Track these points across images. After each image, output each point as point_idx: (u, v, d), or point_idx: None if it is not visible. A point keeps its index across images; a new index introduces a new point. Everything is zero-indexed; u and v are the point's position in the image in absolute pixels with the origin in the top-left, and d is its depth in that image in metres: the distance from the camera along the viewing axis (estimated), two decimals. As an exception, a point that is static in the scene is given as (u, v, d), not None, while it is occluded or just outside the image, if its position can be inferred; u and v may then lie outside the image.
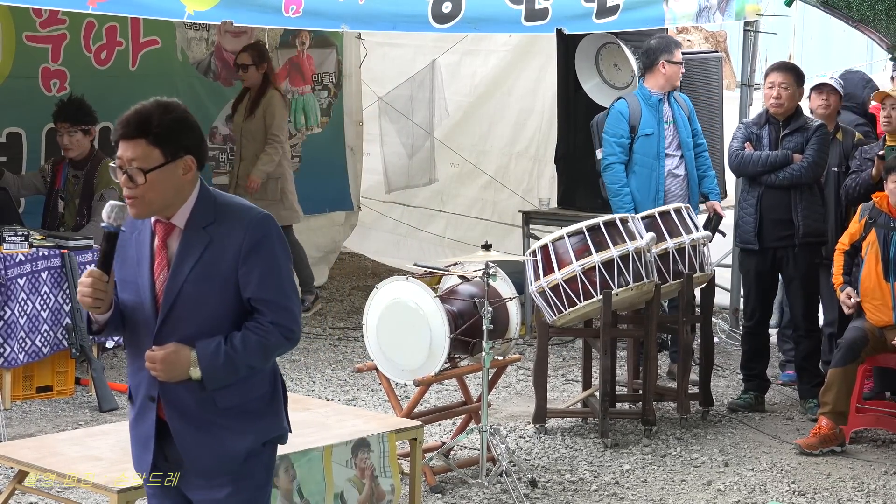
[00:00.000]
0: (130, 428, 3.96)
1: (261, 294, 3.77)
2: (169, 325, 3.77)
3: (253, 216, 3.79)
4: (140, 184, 3.72)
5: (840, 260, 7.39)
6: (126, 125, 3.76)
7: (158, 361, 3.75)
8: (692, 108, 8.50)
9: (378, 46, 11.35)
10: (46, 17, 9.39)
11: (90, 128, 8.47)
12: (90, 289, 3.72)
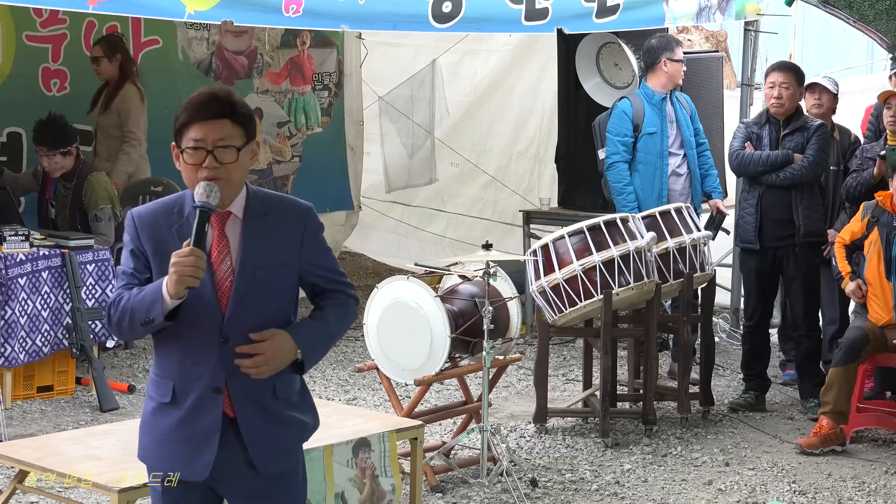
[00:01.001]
0: (170, 428, 3.77)
1: (330, 274, 3.88)
2: (239, 313, 3.72)
3: (305, 205, 3.88)
4: (230, 162, 3.69)
5: (841, 252, 7.38)
6: (209, 106, 3.69)
7: (269, 350, 3.71)
8: (694, 108, 8.51)
9: (378, 46, 11.35)
10: (47, 16, 9.39)
11: (69, 148, 8.32)
12: (194, 266, 3.59)
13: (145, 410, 3.85)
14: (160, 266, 3.70)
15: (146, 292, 3.68)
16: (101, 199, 8.30)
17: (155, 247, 3.73)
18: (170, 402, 3.77)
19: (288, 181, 10.79)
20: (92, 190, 8.31)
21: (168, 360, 3.79)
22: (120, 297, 3.73)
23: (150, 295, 3.66)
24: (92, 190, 8.31)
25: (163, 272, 3.66)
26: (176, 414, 3.77)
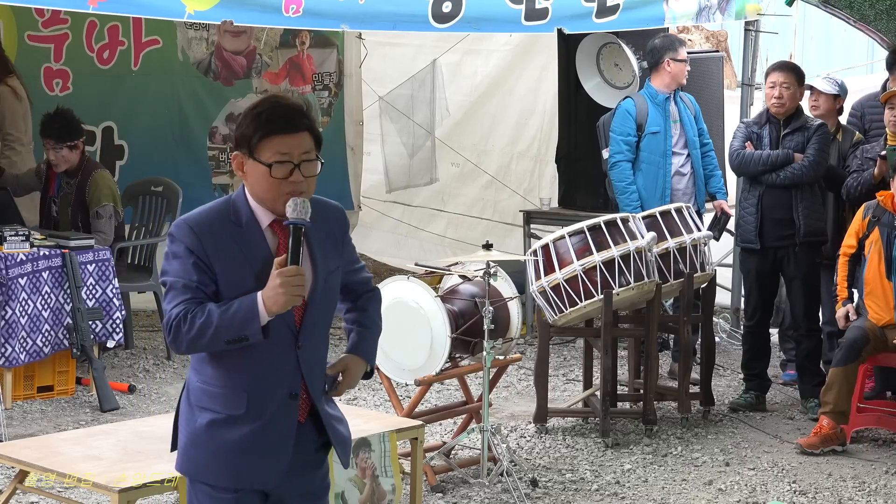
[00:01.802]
0: (240, 439, 3.71)
1: (362, 270, 4.00)
2: (311, 320, 3.74)
3: (338, 205, 3.95)
4: (313, 175, 3.72)
5: (844, 270, 7.36)
6: (293, 118, 3.67)
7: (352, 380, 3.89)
8: (698, 108, 8.51)
9: (379, 46, 11.35)
10: (48, 16, 9.40)
11: (76, 142, 8.37)
12: (301, 286, 3.59)
13: (197, 424, 3.74)
14: (226, 278, 3.65)
15: (236, 310, 3.60)
16: (104, 196, 8.34)
17: (219, 258, 3.65)
18: (244, 413, 3.71)
19: (288, 181, 10.78)
20: (96, 186, 8.35)
21: (237, 371, 3.71)
22: (190, 312, 3.61)
23: (243, 313, 3.59)
24: (96, 186, 8.35)
25: (229, 284, 3.63)
26: (249, 425, 3.71)
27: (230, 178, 10.50)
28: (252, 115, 3.66)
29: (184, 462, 3.79)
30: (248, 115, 3.67)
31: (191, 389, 3.78)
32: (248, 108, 3.70)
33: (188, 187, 9.38)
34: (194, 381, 3.78)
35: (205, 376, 3.74)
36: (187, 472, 3.80)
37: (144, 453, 5.03)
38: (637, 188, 8.23)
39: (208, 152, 10.38)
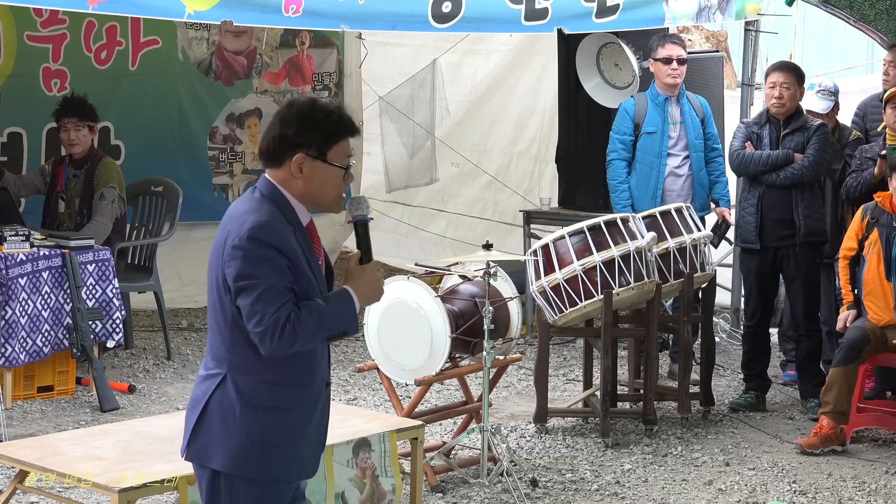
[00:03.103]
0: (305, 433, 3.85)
1: None
2: None
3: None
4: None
5: (846, 273, 7.36)
6: (352, 121, 3.85)
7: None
8: (708, 112, 8.49)
9: (379, 46, 11.35)
10: (47, 16, 9.39)
11: (94, 125, 8.54)
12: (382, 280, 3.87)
13: (263, 422, 3.79)
14: (298, 278, 3.75)
15: (335, 306, 3.78)
16: (112, 178, 8.43)
17: (293, 258, 3.76)
18: (309, 405, 3.85)
19: (288, 181, 10.78)
20: (105, 170, 8.44)
21: (301, 365, 3.82)
22: (294, 312, 3.69)
23: (342, 308, 3.78)
24: (105, 170, 8.44)
25: (301, 283, 3.75)
26: (311, 416, 3.86)
27: (230, 179, 10.50)
28: (321, 117, 3.77)
29: (239, 461, 3.79)
30: (314, 118, 3.77)
31: (245, 391, 3.79)
32: (307, 110, 3.78)
33: (188, 187, 9.38)
34: (249, 381, 3.79)
35: (265, 375, 3.79)
36: (242, 470, 3.80)
37: (144, 453, 5.02)
38: (629, 187, 8.29)
39: (208, 152, 10.38)
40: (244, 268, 3.70)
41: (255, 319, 3.69)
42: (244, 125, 10.53)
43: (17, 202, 8.57)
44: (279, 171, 3.82)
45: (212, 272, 3.83)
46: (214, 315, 3.84)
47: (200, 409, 3.83)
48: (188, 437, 3.86)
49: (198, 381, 3.89)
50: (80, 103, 8.48)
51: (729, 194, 8.59)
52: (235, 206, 3.86)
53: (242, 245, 3.71)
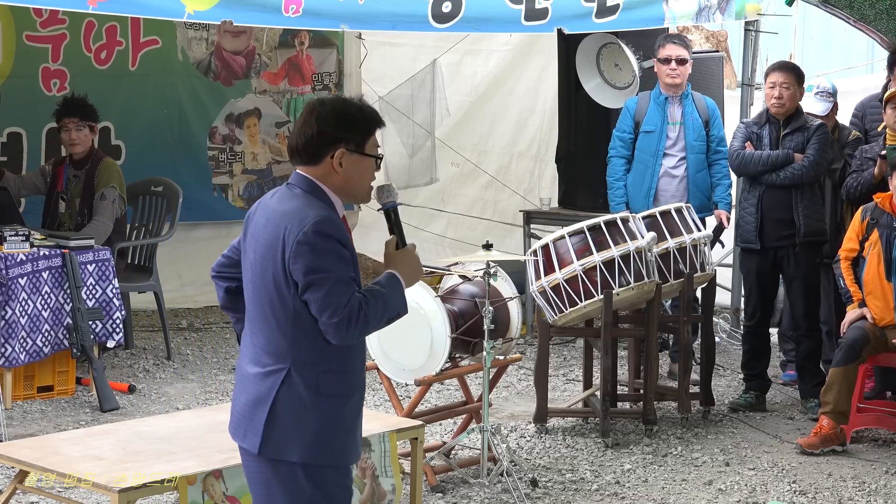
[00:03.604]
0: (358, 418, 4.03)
1: None
2: None
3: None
4: None
5: (850, 274, 7.36)
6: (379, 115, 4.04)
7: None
8: (715, 114, 8.48)
9: (379, 46, 11.35)
10: (47, 16, 9.40)
11: (95, 125, 8.55)
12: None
13: (335, 413, 3.94)
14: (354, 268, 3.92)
15: (389, 290, 3.95)
16: (112, 178, 8.43)
17: (350, 250, 3.93)
18: (362, 390, 4.05)
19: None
20: (106, 170, 8.45)
21: (353, 352, 3.98)
22: (363, 301, 3.85)
23: (395, 292, 3.97)
24: (106, 170, 8.45)
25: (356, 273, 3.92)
26: (362, 401, 4.06)
27: (230, 179, 10.50)
28: (356, 112, 3.95)
29: (317, 450, 3.92)
30: (350, 113, 3.94)
31: (312, 382, 3.90)
32: (343, 107, 3.95)
33: (188, 187, 9.38)
34: (314, 373, 3.91)
35: (329, 365, 3.92)
36: (321, 459, 3.93)
37: (144, 453, 5.02)
38: (625, 185, 8.35)
39: (208, 152, 10.38)
40: (313, 261, 3.81)
41: (329, 311, 3.80)
42: (243, 125, 10.53)
43: (18, 202, 8.58)
44: (317, 167, 3.95)
45: (265, 270, 3.91)
46: (271, 312, 3.91)
47: (269, 405, 3.90)
48: (260, 434, 3.91)
49: (255, 379, 3.95)
50: (81, 103, 8.48)
51: (730, 197, 8.57)
52: (279, 203, 3.94)
53: (309, 240, 3.81)
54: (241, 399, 3.99)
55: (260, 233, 3.94)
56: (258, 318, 3.96)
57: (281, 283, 3.87)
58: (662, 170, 8.39)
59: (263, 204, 4.03)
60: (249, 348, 4.01)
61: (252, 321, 4.00)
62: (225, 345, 9.28)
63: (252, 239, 3.99)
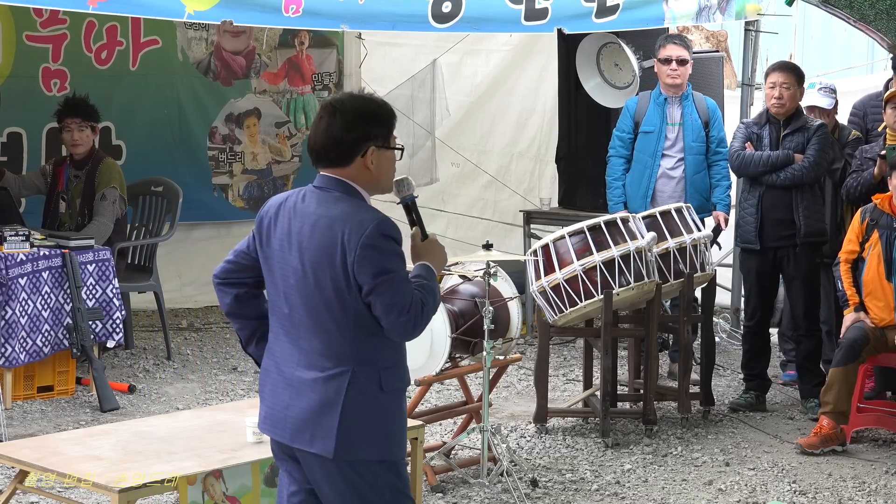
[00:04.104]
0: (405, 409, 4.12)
1: None
2: None
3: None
4: None
5: (849, 276, 7.35)
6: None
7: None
8: (715, 115, 8.47)
9: (379, 46, 11.34)
10: (47, 16, 9.40)
11: (96, 125, 8.56)
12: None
13: (401, 407, 4.05)
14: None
15: (433, 281, 4.04)
16: (113, 178, 8.43)
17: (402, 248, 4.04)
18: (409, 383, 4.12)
19: (288, 181, 10.79)
20: (107, 170, 8.45)
21: (402, 345, 4.07)
22: (422, 297, 3.94)
23: (433, 281, 4.04)
24: (107, 170, 8.45)
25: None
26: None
27: (230, 179, 10.50)
28: (377, 108, 4.05)
29: (392, 446, 4.02)
30: (373, 110, 4.03)
31: (377, 380, 3.97)
32: (365, 105, 4.03)
33: (188, 187, 9.38)
34: (376, 370, 3.98)
35: (386, 361, 4.00)
36: (392, 454, 4.02)
37: (144, 453, 5.02)
38: (624, 185, 8.36)
39: (208, 152, 10.38)
40: (381, 263, 3.90)
41: (396, 311, 3.88)
42: (243, 125, 10.53)
43: (18, 202, 8.58)
44: (348, 167, 4.01)
45: (319, 275, 3.93)
46: (328, 315, 3.94)
47: (340, 408, 3.93)
48: (334, 437, 3.93)
49: (315, 384, 3.97)
50: (83, 104, 8.49)
51: (729, 199, 8.57)
52: (320, 207, 3.97)
53: (375, 242, 3.91)
54: (301, 405, 3.99)
55: (305, 238, 3.95)
56: (309, 323, 3.98)
57: (341, 286, 3.91)
58: (660, 170, 8.40)
59: (291, 208, 4.02)
60: (298, 353, 4.01)
61: (299, 326, 4.00)
62: (225, 345, 9.28)
63: (286, 244, 3.99)
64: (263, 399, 4.15)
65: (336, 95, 4.14)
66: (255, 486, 4.98)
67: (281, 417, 4.04)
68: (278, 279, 4.04)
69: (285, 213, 4.03)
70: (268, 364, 4.13)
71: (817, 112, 8.17)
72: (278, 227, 4.03)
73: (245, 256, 4.17)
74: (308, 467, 4.05)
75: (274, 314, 4.10)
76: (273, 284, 4.06)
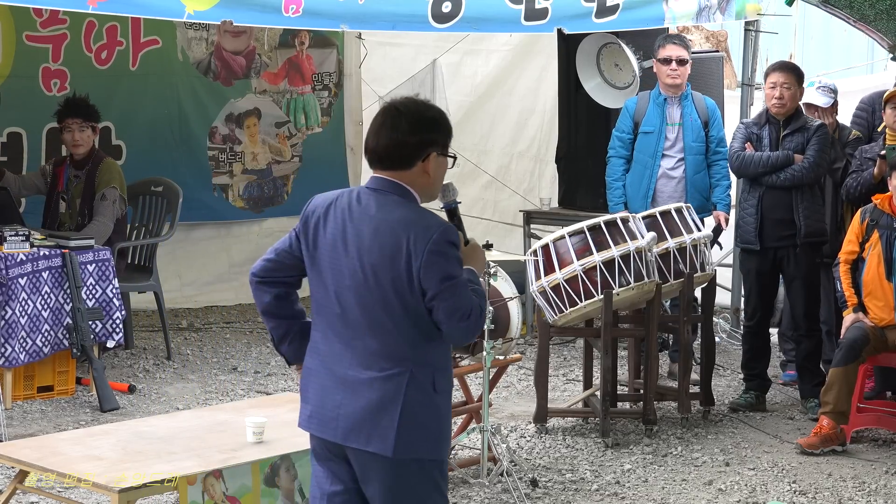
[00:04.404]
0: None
1: None
2: None
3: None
4: None
5: (848, 277, 7.35)
6: None
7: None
8: (715, 115, 8.47)
9: (379, 46, 11.34)
10: (47, 16, 9.39)
11: (97, 125, 8.56)
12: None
13: (447, 408, 4.10)
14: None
15: (480, 286, 4.08)
16: (113, 178, 8.43)
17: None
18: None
19: (288, 181, 10.79)
20: (107, 170, 8.45)
21: (449, 348, 4.11)
22: (476, 300, 3.99)
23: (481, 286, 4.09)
24: (107, 170, 8.45)
25: None
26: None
27: (230, 179, 10.49)
28: (438, 115, 4.07)
29: (442, 445, 4.11)
30: (433, 117, 4.05)
31: (430, 381, 4.02)
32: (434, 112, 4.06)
33: (188, 187, 9.38)
34: (430, 372, 4.03)
35: (438, 362, 4.06)
36: (443, 453, 4.12)
37: (144, 453, 5.02)
38: (624, 185, 8.36)
39: (208, 152, 10.38)
40: (448, 268, 3.95)
41: (459, 314, 3.94)
42: (243, 125, 10.53)
43: (18, 202, 8.58)
44: (408, 171, 4.04)
45: (379, 276, 3.96)
46: (387, 316, 3.97)
47: (399, 407, 3.97)
48: (394, 437, 3.97)
49: (372, 384, 4.00)
50: (84, 104, 8.49)
51: (729, 198, 8.57)
52: (381, 210, 4.00)
53: (442, 248, 3.94)
54: (356, 404, 4.01)
55: (365, 241, 3.98)
56: (365, 324, 4.00)
57: (403, 289, 3.95)
58: (661, 171, 8.41)
59: (345, 209, 4.06)
60: (351, 353, 4.03)
61: (353, 326, 4.02)
62: (225, 345, 9.28)
63: (341, 245, 4.02)
64: (308, 399, 4.15)
65: (395, 99, 4.12)
66: (255, 486, 4.98)
67: (332, 417, 4.05)
68: (329, 279, 4.05)
69: (338, 214, 4.06)
70: (313, 364, 4.13)
71: (817, 111, 8.16)
72: (329, 227, 4.06)
73: (287, 255, 4.16)
74: (361, 466, 4.06)
75: (321, 314, 4.10)
76: (322, 284, 4.07)
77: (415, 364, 3.99)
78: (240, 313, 10.19)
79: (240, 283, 10.50)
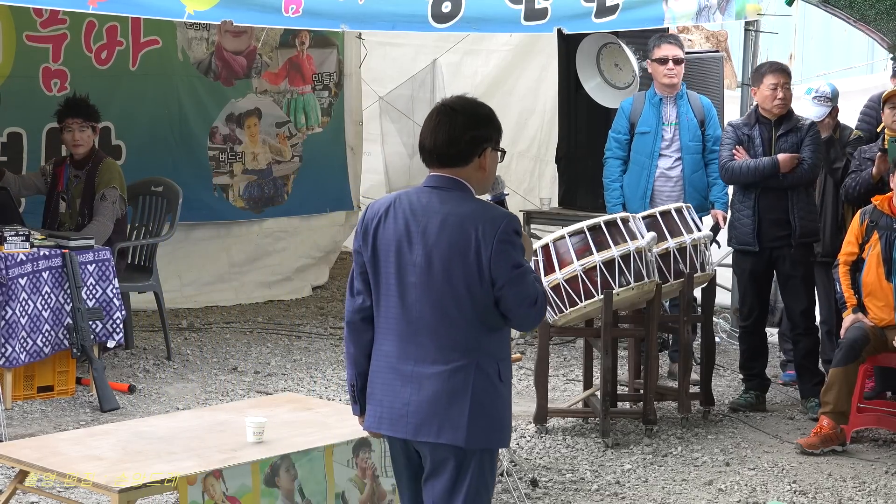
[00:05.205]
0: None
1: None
2: None
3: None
4: None
5: (847, 279, 7.35)
6: None
7: None
8: (711, 113, 8.47)
9: (379, 46, 11.35)
10: (47, 16, 9.39)
11: (97, 125, 8.56)
12: None
13: (510, 397, 4.18)
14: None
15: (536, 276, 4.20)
16: (113, 178, 8.43)
17: None
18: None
19: (288, 181, 10.79)
20: (107, 170, 8.45)
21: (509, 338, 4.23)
22: (540, 287, 4.14)
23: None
24: (107, 170, 8.45)
25: None
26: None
27: (230, 179, 10.50)
28: (490, 112, 4.29)
29: (506, 434, 4.19)
30: (486, 114, 4.27)
31: (495, 371, 4.12)
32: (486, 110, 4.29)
33: (188, 187, 9.38)
34: (494, 362, 4.13)
35: (501, 353, 4.17)
36: (505, 442, 4.20)
37: (144, 453, 5.03)
38: (622, 186, 8.36)
39: (208, 152, 10.38)
40: (515, 257, 4.07)
41: (528, 301, 4.08)
42: (244, 125, 10.53)
43: (18, 202, 8.58)
44: (465, 167, 4.17)
45: (449, 271, 4.06)
46: (456, 309, 4.07)
47: (469, 398, 4.05)
48: (465, 427, 4.04)
49: (440, 376, 4.08)
50: (84, 104, 8.49)
51: (727, 197, 8.56)
52: (446, 205, 4.12)
53: (510, 238, 4.07)
54: (424, 398, 4.08)
55: (432, 235, 4.08)
56: (431, 318, 4.08)
57: (473, 280, 4.04)
58: (658, 171, 8.41)
59: (407, 208, 4.17)
60: (416, 349, 4.11)
61: (417, 321, 4.10)
62: (225, 345, 9.28)
63: (405, 242, 4.11)
64: (374, 400, 4.20)
65: (447, 99, 4.26)
66: (255, 486, 4.98)
67: (401, 414, 4.12)
68: (391, 278, 4.13)
69: (399, 213, 4.17)
70: (377, 366, 4.19)
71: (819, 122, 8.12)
72: (389, 228, 4.16)
73: (366, 281, 4.22)
74: (432, 458, 4.12)
75: (382, 315, 4.17)
76: (386, 285, 4.14)
77: (480, 355, 4.08)
78: (240, 313, 10.19)
79: (240, 283, 10.51)
